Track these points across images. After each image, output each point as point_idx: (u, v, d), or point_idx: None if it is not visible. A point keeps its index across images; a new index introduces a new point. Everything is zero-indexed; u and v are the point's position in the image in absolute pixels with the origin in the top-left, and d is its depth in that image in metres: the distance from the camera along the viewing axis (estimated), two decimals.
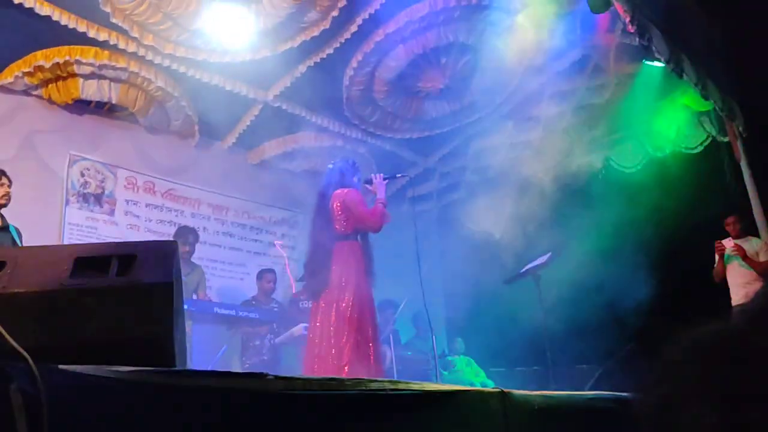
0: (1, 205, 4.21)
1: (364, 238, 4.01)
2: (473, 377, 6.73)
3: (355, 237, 3.94)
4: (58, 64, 5.35)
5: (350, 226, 3.89)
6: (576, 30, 5.75)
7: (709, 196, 6.02)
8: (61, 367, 1.02)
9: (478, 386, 5.09)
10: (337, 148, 7.18)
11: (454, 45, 5.88)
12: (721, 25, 4.47)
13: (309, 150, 7.16)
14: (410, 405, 1.51)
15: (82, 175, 5.98)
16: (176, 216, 6.57)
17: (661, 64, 5.05)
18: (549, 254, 4.92)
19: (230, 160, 7.12)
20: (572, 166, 7.77)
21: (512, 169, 8.11)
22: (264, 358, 5.53)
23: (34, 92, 5.74)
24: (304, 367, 3.82)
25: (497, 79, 6.41)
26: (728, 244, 5.33)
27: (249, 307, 5.70)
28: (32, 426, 0.90)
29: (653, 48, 4.40)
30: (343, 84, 6.23)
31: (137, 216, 6.31)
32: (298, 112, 6.57)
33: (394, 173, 4.27)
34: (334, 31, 5.53)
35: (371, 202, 4.04)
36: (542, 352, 4.91)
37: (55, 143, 5.84)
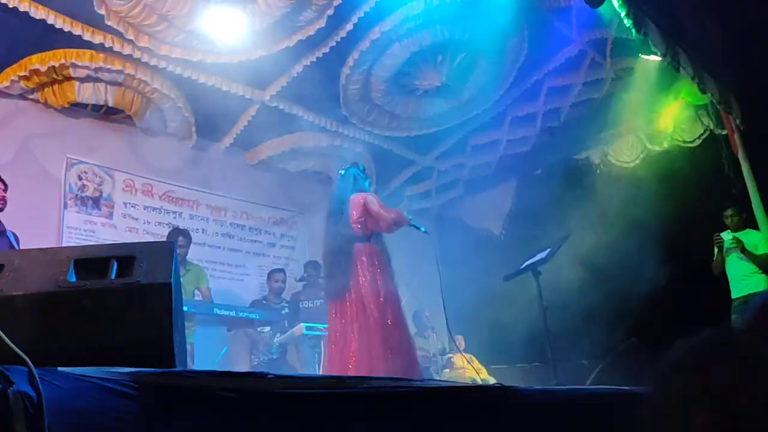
0: None
1: (379, 239, 4.11)
2: (474, 374, 6.73)
3: (372, 239, 4.06)
4: (53, 67, 5.33)
5: (368, 229, 4.03)
6: (573, 25, 5.75)
7: (707, 189, 6.02)
8: (60, 369, 1.01)
9: (480, 383, 5.09)
10: (335, 148, 7.17)
11: (451, 42, 5.87)
12: (717, 18, 4.47)
13: (307, 150, 7.15)
14: (412, 402, 1.51)
15: (80, 178, 5.97)
16: (174, 218, 6.56)
17: (657, 57, 5.05)
18: (548, 250, 4.91)
19: (228, 161, 7.11)
20: (571, 161, 7.79)
21: (510, 166, 8.13)
22: (273, 357, 5.56)
23: (30, 96, 5.72)
24: (330, 367, 3.88)
25: (494, 76, 6.41)
26: (727, 237, 5.34)
27: (258, 307, 5.72)
28: (32, 428, 0.90)
29: (650, 42, 4.40)
30: (340, 83, 6.21)
31: (135, 219, 6.29)
32: (295, 112, 6.55)
33: (419, 226, 4.27)
34: (330, 30, 5.51)
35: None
36: (543, 348, 4.90)
37: (52, 147, 5.83)
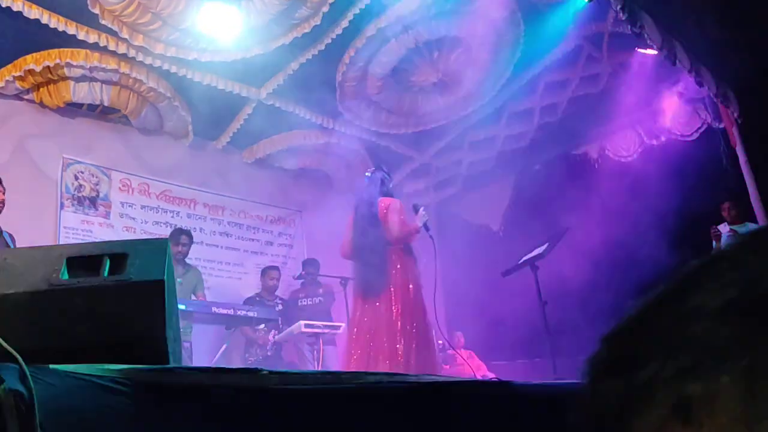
0: None
1: (406, 246, 4.19)
2: (474, 370, 6.72)
3: (399, 246, 4.13)
4: (48, 67, 5.32)
5: (397, 234, 4.09)
6: (569, 19, 5.73)
7: (705, 182, 6.01)
8: (52, 366, 1.00)
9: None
10: (332, 145, 7.16)
11: (447, 38, 5.86)
12: (713, 10, 4.46)
13: (304, 147, 7.14)
14: (410, 398, 1.50)
15: (76, 178, 5.95)
16: (172, 217, 6.55)
17: (654, 51, 5.04)
18: (546, 245, 4.91)
19: (225, 159, 7.10)
20: (569, 157, 7.78)
21: (508, 161, 8.12)
22: (268, 354, 5.55)
23: (26, 96, 5.71)
24: (349, 362, 3.95)
25: (490, 72, 6.40)
26: (724, 229, 5.33)
27: (252, 304, 5.71)
28: (23, 426, 0.89)
29: (646, 36, 4.39)
30: (336, 80, 6.20)
31: (133, 218, 6.28)
32: (291, 110, 6.54)
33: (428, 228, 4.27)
34: (326, 27, 5.50)
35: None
36: (543, 343, 4.90)
37: (48, 147, 5.81)
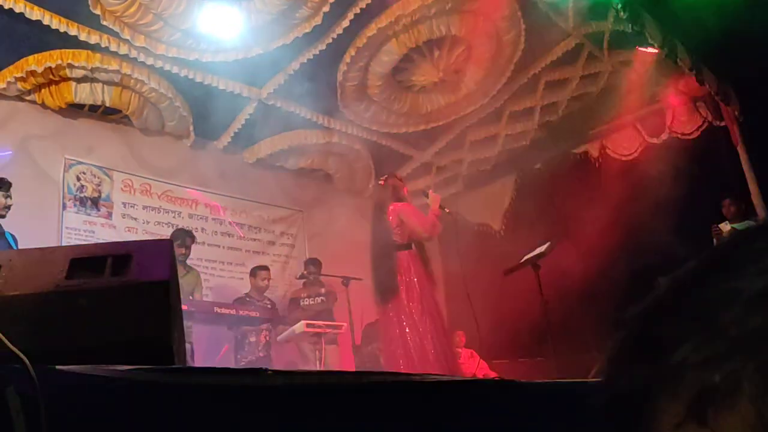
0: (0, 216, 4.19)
1: (420, 246, 4.38)
2: (476, 370, 6.72)
3: (412, 246, 4.31)
4: (50, 68, 5.33)
5: (406, 237, 4.29)
6: (570, 18, 5.73)
7: (706, 181, 6.01)
8: (58, 367, 1.01)
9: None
10: (333, 145, 7.17)
11: (447, 37, 5.86)
12: (713, 8, 4.46)
13: (305, 147, 7.14)
14: (412, 397, 1.51)
15: (78, 179, 5.96)
16: (174, 217, 6.56)
17: (655, 50, 5.05)
18: (548, 244, 4.91)
19: (226, 159, 7.11)
20: (569, 155, 7.77)
21: (508, 161, 8.12)
22: (260, 355, 5.54)
23: (27, 97, 5.72)
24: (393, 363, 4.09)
25: (491, 71, 6.40)
26: (725, 228, 5.33)
27: (243, 303, 5.71)
28: (31, 427, 0.90)
29: (646, 34, 4.40)
30: (337, 80, 6.21)
31: (135, 218, 6.29)
32: (292, 110, 6.54)
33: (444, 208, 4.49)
34: (326, 27, 5.50)
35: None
36: (545, 342, 4.90)
37: (50, 148, 5.83)
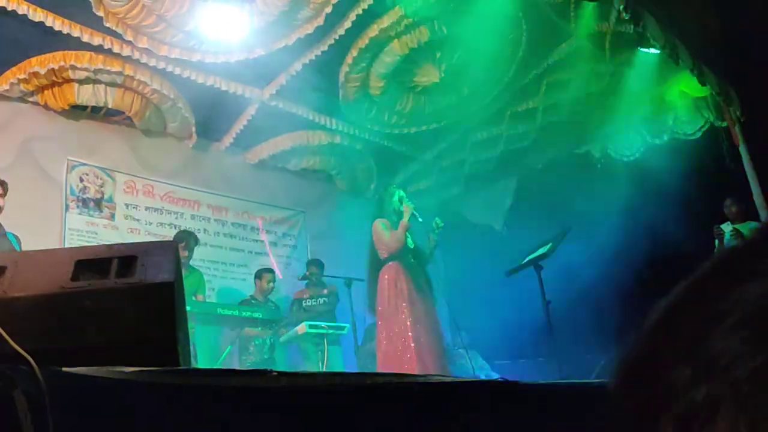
0: None
1: (404, 256, 4.37)
2: (478, 370, 6.73)
3: (392, 260, 4.33)
4: (53, 69, 5.34)
5: (384, 252, 4.34)
6: (571, 19, 5.73)
7: (708, 181, 6.01)
8: (64, 369, 1.02)
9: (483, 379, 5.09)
10: (335, 146, 7.17)
11: (449, 38, 5.86)
12: (715, 9, 4.46)
13: (307, 148, 7.15)
14: (415, 398, 1.51)
15: (81, 180, 5.98)
16: (176, 218, 6.57)
17: (656, 50, 5.05)
18: (550, 244, 4.91)
19: (228, 160, 7.12)
20: (571, 156, 7.77)
21: (510, 161, 8.12)
22: (264, 357, 5.55)
23: (30, 99, 5.73)
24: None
25: (493, 71, 6.40)
26: (727, 228, 5.32)
27: (247, 306, 5.72)
28: (38, 428, 0.90)
29: (648, 35, 4.39)
30: (339, 80, 6.21)
31: (137, 219, 6.30)
32: (294, 111, 6.55)
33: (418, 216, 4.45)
34: (328, 28, 5.51)
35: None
36: (547, 343, 4.90)
37: (53, 149, 5.84)
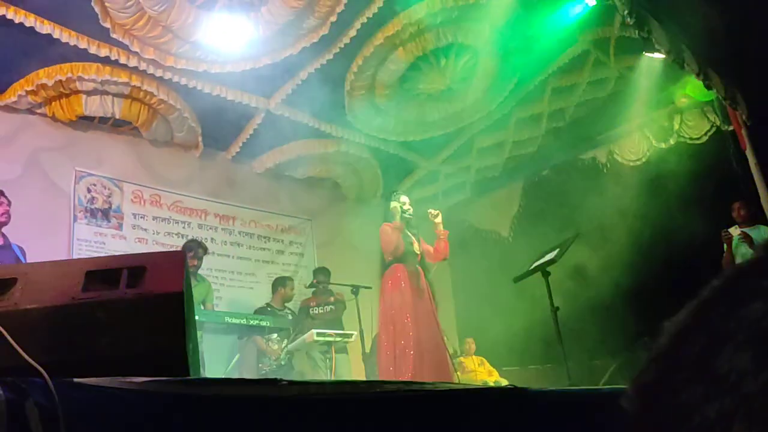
0: (1, 223, 4.21)
1: (408, 259, 4.48)
2: (486, 377, 6.71)
3: (395, 263, 4.45)
4: (60, 81, 5.39)
5: (388, 255, 4.48)
6: (576, 24, 5.74)
7: (715, 185, 5.98)
8: (76, 380, 1.02)
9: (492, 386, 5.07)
10: (341, 153, 7.19)
11: (453, 45, 5.88)
12: (720, 13, 4.45)
13: (313, 156, 7.17)
14: (425, 405, 1.51)
15: (89, 190, 6.01)
16: (183, 228, 6.59)
17: (661, 55, 5.04)
18: (557, 250, 4.89)
19: (235, 169, 7.14)
20: (577, 161, 7.76)
21: (516, 167, 8.11)
22: (282, 364, 5.56)
23: (38, 110, 5.78)
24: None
25: (498, 78, 6.40)
26: (735, 232, 5.30)
27: (263, 314, 5.72)
28: None
29: (653, 40, 4.39)
30: (345, 89, 6.23)
31: (145, 229, 6.33)
32: (300, 119, 6.57)
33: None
34: (334, 37, 5.54)
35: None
36: (555, 349, 4.88)
37: (61, 160, 5.88)
